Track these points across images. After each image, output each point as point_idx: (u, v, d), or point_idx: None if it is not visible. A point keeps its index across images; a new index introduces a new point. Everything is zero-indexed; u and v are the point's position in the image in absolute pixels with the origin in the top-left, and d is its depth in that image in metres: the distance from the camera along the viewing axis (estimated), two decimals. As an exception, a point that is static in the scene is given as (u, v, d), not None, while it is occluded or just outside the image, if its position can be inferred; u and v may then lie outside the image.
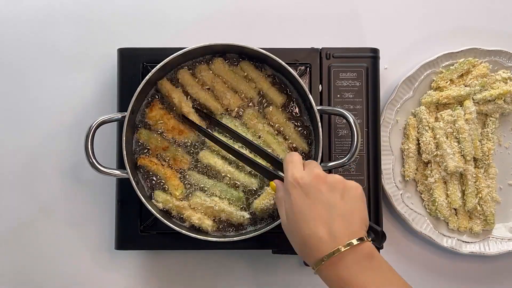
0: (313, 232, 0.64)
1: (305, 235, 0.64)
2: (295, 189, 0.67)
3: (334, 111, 0.81)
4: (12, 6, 0.93)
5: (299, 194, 0.66)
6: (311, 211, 0.65)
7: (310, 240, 0.64)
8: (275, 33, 0.94)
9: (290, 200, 0.67)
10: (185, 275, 0.90)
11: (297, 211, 0.66)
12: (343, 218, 0.64)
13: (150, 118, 0.83)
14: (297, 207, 0.66)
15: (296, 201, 0.66)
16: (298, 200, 0.66)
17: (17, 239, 0.90)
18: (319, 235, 0.63)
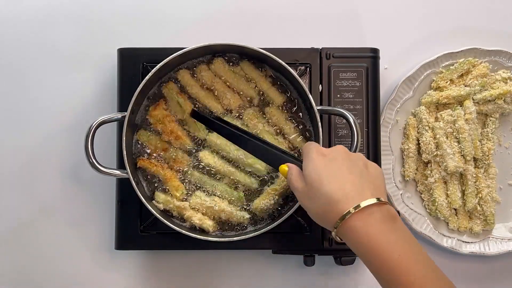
0: (341, 188, 0.64)
1: (332, 191, 0.64)
2: (323, 157, 0.67)
3: (334, 111, 0.81)
4: (12, 6, 0.93)
5: (325, 160, 0.67)
6: (339, 171, 0.65)
7: (337, 195, 0.63)
8: (275, 33, 0.94)
9: (314, 164, 0.67)
10: (185, 275, 0.90)
11: (322, 172, 0.66)
12: (369, 180, 0.66)
13: (152, 116, 0.83)
14: (322, 168, 0.66)
15: (321, 163, 0.66)
16: (324, 163, 0.66)
17: (17, 239, 0.90)
18: (347, 190, 0.64)
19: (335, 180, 0.65)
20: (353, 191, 0.64)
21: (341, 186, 0.64)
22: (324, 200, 0.64)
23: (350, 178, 0.65)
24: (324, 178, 0.65)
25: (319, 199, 0.65)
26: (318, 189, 0.65)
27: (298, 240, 0.83)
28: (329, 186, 0.64)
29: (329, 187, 0.64)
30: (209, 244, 0.80)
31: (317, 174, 0.66)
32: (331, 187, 0.64)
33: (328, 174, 0.65)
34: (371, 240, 0.61)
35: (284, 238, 0.83)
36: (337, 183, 0.64)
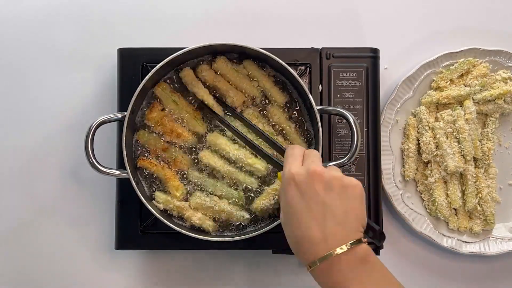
0: (306, 234, 0.62)
1: (298, 236, 0.63)
2: (290, 186, 0.65)
3: (334, 111, 0.81)
4: (12, 6, 0.93)
5: (295, 192, 0.64)
6: (305, 211, 0.63)
7: (303, 241, 0.63)
8: (275, 33, 0.94)
9: (285, 198, 0.65)
10: (185, 275, 0.90)
11: (291, 211, 0.64)
12: (339, 220, 0.62)
13: (150, 119, 0.83)
14: (291, 206, 0.64)
15: (291, 199, 0.65)
16: (293, 199, 0.64)
17: (17, 239, 0.90)
18: (313, 237, 0.62)
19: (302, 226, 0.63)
20: (319, 238, 0.62)
21: (309, 233, 0.62)
22: (294, 241, 0.64)
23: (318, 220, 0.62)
24: (294, 219, 0.64)
25: (290, 236, 0.65)
26: (290, 227, 0.65)
27: (298, 240, 0.83)
28: (297, 232, 0.63)
29: (297, 232, 0.63)
30: (209, 244, 0.80)
31: (288, 212, 0.65)
32: (298, 232, 0.63)
33: (297, 216, 0.63)
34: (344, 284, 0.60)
35: (284, 238, 0.83)
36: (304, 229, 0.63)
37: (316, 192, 0.64)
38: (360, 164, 0.85)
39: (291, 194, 0.65)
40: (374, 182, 0.85)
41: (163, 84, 0.84)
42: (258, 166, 0.83)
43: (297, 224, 0.63)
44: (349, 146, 0.83)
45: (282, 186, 0.67)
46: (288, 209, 0.65)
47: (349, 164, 0.82)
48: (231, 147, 0.83)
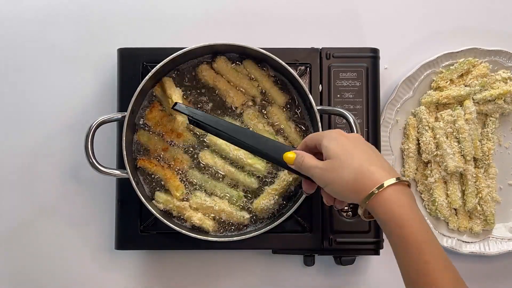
0: (372, 161, 0.66)
1: (365, 163, 0.66)
2: (341, 135, 0.70)
3: (334, 111, 0.81)
4: (12, 6, 0.93)
5: (345, 139, 0.69)
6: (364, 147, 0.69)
7: (371, 166, 0.65)
8: (275, 33, 0.94)
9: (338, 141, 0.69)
10: (185, 275, 0.90)
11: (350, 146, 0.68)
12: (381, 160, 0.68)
13: (150, 119, 0.83)
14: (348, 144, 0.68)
15: (345, 141, 0.68)
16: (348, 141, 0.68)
17: (17, 239, 0.90)
18: (378, 163, 0.66)
19: (364, 156, 0.67)
20: (382, 167, 0.66)
21: (371, 161, 0.66)
22: (356, 171, 0.66)
23: (376, 157, 0.68)
24: (354, 152, 0.67)
25: (349, 169, 0.66)
26: (348, 160, 0.66)
27: (298, 240, 0.83)
28: (361, 159, 0.66)
29: (361, 159, 0.66)
30: (209, 244, 0.80)
31: (345, 149, 0.68)
32: (362, 159, 0.66)
33: (355, 150, 0.68)
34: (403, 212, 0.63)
35: (284, 238, 0.83)
36: (366, 157, 0.67)
37: (360, 140, 0.70)
38: (360, 164, 0.85)
39: (341, 141, 0.69)
40: (374, 182, 0.85)
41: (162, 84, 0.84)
42: (258, 166, 0.83)
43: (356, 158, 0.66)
44: (349, 146, 0.82)
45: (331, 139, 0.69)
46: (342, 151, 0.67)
47: (349, 164, 0.82)
48: (230, 147, 0.83)
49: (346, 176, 0.66)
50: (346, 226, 0.83)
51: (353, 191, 0.66)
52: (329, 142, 0.69)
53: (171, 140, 0.84)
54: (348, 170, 0.66)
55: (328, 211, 0.84)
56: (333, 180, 0.67)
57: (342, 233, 0.83)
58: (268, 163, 0.84)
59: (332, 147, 0.68)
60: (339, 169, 0.67)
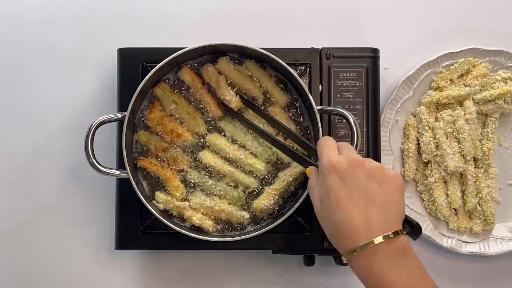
0: (347, 221, 0.61)
1: (339, 223, 0.62)
2: (331, 174, 0.64)
3: (334, 111, 0.81)
4: (12, 6, 0.93)
5: (335, 179, 0.63)
6: (347, 198, 0.62)
7: (343, 228, 0.61)
8: (275, 33, 0.94)
9: (325, 185, 0.64)
10: (185, 275, 0.90)
11: (332, 197, 0.63)
12: (380, 209, 0.62)
13: (149, 119, 0.83)
14: (332, 192, 0.63)
15: (331, 186, 0.63)
16: (334, 185, 0.63)
17: (17, 239, 0.90)
18: (354, 224, 0.61)
19: (344, 213, 0.62)
20: (361, 225, 0.61)
21: (350, 219, 0.61)
22: (333, 228, 0.63)
23: (360, 207, 0.62)
24: (335, 205, 0.63)
25: (329, 224, 0.64)
26: (329, 215, 0.64)
27: (298, 240, 0.83)
28: (338, 218, 0.62)
29: (337, 219, 0.62)
30: (209, 244, 0.80)
31: (328, 199, 0.64)
32: (339, 219, 0.62)
33: (338, 202, 0.63)
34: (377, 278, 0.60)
35: (284, 238, 0.83)
36: (345, 216, 0.62)
37: (358, 179, 0.63)
38: (360, 164, 0.85)
39: (332, 181, 0.63)
40: (374, 182, 0.85)
41: (163, 84, 0.84)
42: (258, 166, 0.83)
43: (338, 211, 0.62)
44: (349, 146, 0.82)
45: (321, 175, 0.65)
46: (328, 197, 0.63)
47: (349, 164, 0.82)
48: (230, 147, 0.83)
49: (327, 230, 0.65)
50: (346, 226, 0.83)
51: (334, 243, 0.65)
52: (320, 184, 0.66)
53: (171, 140, 0.84)
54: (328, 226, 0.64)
55: (328, 211, 0.84)
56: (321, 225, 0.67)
57: (342, 233, 0.83)
58: (268, 163, 0.84)
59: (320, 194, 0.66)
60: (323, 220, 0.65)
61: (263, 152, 0.84)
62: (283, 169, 0.84)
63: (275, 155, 0.84)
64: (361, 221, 0.61)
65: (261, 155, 0.84)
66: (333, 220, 0.62)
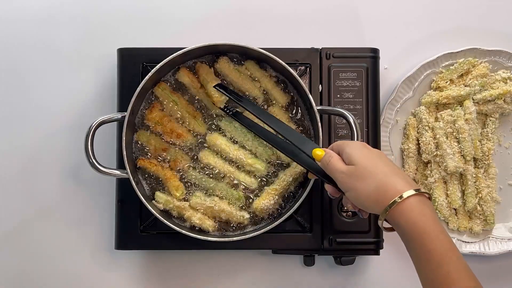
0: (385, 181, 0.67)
1: (388, 173, 0.67)
2: (364, 146, 0.72)
3: (334, 111, 0.81)
4: (12, 6, 0.93)
5: (367, 150, 0.71)
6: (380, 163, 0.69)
7: (383, 187, 0.66)
8: (275, 33, 0.94)
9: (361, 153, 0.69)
10: (185, 275, 0.90)
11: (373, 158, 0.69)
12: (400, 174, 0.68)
13: (150, 119, 0.83)
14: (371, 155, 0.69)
15: (366, 155, 0.69)
16: (368, 154, 0.70)
17: (17, 239, 0.90)
18: (394, 178, 0.67)
19: (387, 167, 0.68)
20: (405, 179, 0.67)
21: (394, 172, 0.68)
22: (379, 180, 0.67)
23: (399, 170, 0.69)
24: (378, 162, 0.69)
25: (373, 179, 0.67)
26: (372, 170, 0.68)
27: (298, 240, 0.83)
28: (384, 170, 0.68)
29: (384, 170, 0.68)
30: (209, 244, 0.80)
31: (368, 158, 0.69)
32: (386, 170, 0.68)
33: (379, 161, 0.69)
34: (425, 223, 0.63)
35: (284, 238, 0.83)
36: (389, 168, 0.68)
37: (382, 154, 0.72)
38: (360, 164, 0.85)
39: (365, 151, 0.70)
40: (374, 182, 0.85)
41: (163, 84, 0.84)
42: (258, 166, 0.83)
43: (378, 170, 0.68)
44: (349, 146, 0.82)
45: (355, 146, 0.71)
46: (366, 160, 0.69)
47: (349, 164, 0.82)
48: (230, 147, 0.83)
49: (368, 185, 0.67)
50: (346, 226, 0.83)
51: (374, 200, 0.67)
52: (352, 150, 0.70)
53: (171, 140, 0.84)
54: (370, 180, 0.67)
55: (328, 211, 0.84)
56: (355, 187, 0.68)
57: (342, 233, 0.83)
58: (268, 163, 0.84)
59: (356, 154, 0.69)
60: (362, 177, 0.68)
61: (263, 152, 0.84)
62: (283, 169, 0.84)
63: (275, 155, 0.84)
64: (398, 178, 0.67)
65: (261, 155, 0.84)
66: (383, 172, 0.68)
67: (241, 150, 0.83)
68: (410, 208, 0.64)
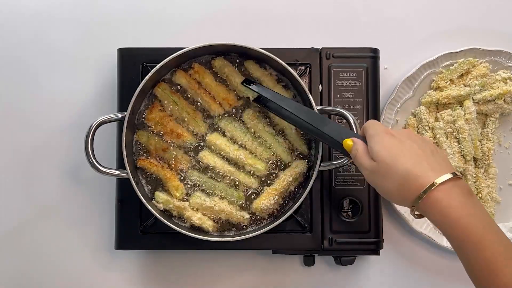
0: (417, 163, 0.65)
1: (409, 167, 0.65)
2: (387, 135, 0.69)
3: (334, 111, 0.81)
4: (12, 6, 0.93)
5: (392, 139, 0.68)
6: (410, 148, 0.67)
7: (415, 170, 0.64)
8: (275, 33, 0.94)
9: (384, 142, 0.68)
10: (185, 275, 0.90)
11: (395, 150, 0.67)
12: (433, 158, 0.66)
13: (150, 119, 0.83)
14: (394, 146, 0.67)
15: (392, 142, 0.67)
16: (394, 142, 0.67)
17: (17, 239, 0.90)
18: (424, 165, 0.65)
19: (410, 157, 0.66)
20: (430, 167, 0.65)
21: (418, 162, 0.65)
22: (401, 176, 0.65)
23: (424, 156, 0.66)
24: (399, 155, 0.66)
25: (394, 175, 0.66)
26: (392, 166, 0.66)
27: (298, 240, 0.83)
28: (406, 163, 0.65)
29: (406, 163, 0.65)
30: (209, 244, 0.80)
31: (389, 152, 0.67)
32: (407, 163, 0.65)
33: (401, 152, 0.66)
34: (455, 212, 0.62)
35: (284, 238, 0.83)
36: (412, 159, 0.65)
37: (414, 140, 0.69)
38: (360, 164, 0.85)
39: (389, 141, 0.68)
40: (374, 182, 0.85)
41: (163, 84, 0.84)
42: (258, 166, 0.83)
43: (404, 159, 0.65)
44: (349, 146, 0.82)
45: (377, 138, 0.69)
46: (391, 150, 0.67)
47: (349, 164, 0.82)
48: (230, 147, 0.83)
49: (390, 183, 0.66)
50: (346, 226, 0.83)
51: (399, 196, 0.66)
52: (374, 144, 0.68)
53: (171, 140, 0.84)
54: (392, 177, 0.66)
55: (328, 211, 0.84)
56: (379, 184, 0.68)
57: (342, 233, 0.83)
58: (268, 163, 0.84)
59: (377, 150, 0.68)
60: (384, 174, 0.67)
61: (263, 152, 0.84)
62: (283, 169, 0.84)
63: (274, 155, 0.84)
64: (429, 164, 0.65)
65: (261, 155, 0.84)
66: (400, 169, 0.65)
67: (241, 150, 0.83)
68: (436, 201, 0.62)
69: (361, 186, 0.84)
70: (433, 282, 0.91)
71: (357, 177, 0.85)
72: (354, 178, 0.84)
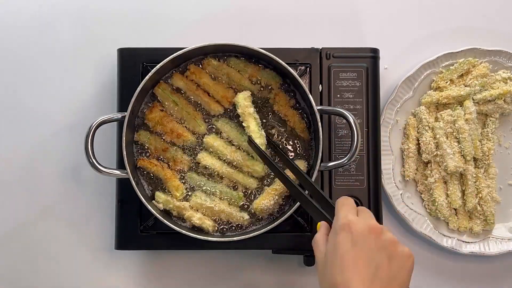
0: (346, 283, 0.59)
1: (336, 282, 0.60)
2: (344, 232, 0.62)
3: (334, 111, 0.81)
4: (12, 6, 0.93)
5: (347, 239, 0.62)
6: (353, 262, 0.60)
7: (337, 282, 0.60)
8: (275, 33, 0.94)
9: (335, 242, 0.63)
10: (185, 275, 0.90)
11: (338, 256, 0.61)
12: (382, 284, 0.60)
13: (150, 119, 0.83)
14: (340, 251, 0.61)
15: (341, 245, 0.62)
16: (344, 245, 0.62)
17: (17, 239, 0.90)
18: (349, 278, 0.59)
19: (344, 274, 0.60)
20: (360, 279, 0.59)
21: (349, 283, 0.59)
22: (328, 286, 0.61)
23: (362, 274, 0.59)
24: (338, 264, 0.61)
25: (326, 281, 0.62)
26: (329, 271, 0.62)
27: (298, 240, 0.83)
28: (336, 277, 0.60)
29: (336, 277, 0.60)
30: (209, 244, 0.80)
31: (333, 256, 0.62)
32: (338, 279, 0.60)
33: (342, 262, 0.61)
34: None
35: (284, 238, 0.83)
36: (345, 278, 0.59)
37: (369, 247, 0.62)
38: (360, 164, 0.85)
39: (344, 240, 0.62)
40: (374, 182, 0.85)
41: (163, 84, 0.84)
42: (257, 167, 0.83)
43: (340, 272, 0.60)
44: (349, 146, 0.83)
45: (333, 231, 0.64)
46: (334, 255, 0.62)
47: (349, 164, 0.82)
48: (228, 149, 0.83)
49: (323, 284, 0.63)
50: (346, 226, 0.83)
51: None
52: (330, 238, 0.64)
53: (171, 140, 0.84)
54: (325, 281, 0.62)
55: (328, 211, 0.84)
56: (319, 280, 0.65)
57: (342, 233, 0.83)
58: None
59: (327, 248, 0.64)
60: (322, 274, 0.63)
61: (261, 153, 0.84)
62: (283, 169, 0.84)
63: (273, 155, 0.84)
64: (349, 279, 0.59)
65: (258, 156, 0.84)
66: (332, 279, 0.60)
67: (239, 152, 0.83)
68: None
69: (361, 186, 0.84)
70: (433, 282, 0.91)
71: (357, 177, 0.85)
72: (354, 178, 0.84)
